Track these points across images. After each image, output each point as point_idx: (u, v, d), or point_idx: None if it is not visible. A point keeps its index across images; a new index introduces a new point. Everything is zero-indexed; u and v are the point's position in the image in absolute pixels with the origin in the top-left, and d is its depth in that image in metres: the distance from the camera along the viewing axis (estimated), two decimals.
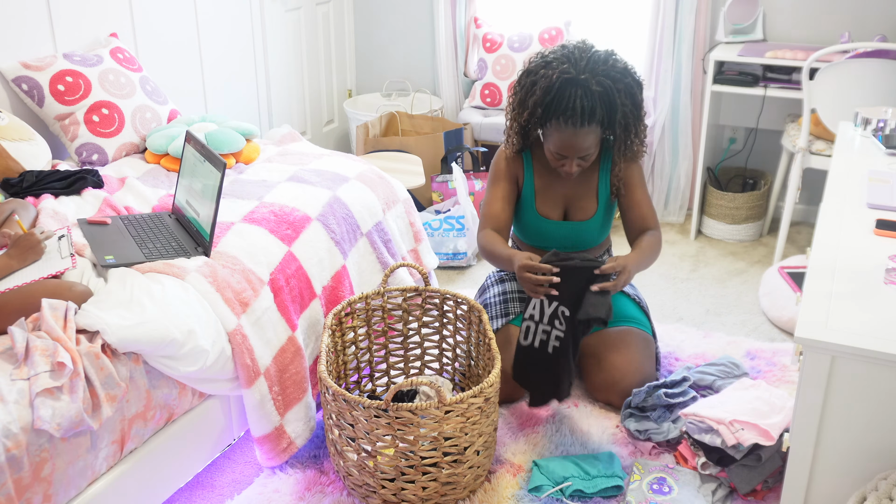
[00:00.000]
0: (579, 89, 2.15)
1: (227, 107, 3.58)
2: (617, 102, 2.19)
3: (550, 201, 2.43)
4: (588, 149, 2.24)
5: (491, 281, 2.62)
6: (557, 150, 2.25)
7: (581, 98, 2.15)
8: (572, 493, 2.05)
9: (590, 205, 2.43)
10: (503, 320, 2.45)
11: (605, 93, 2.17)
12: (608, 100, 2.18)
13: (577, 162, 2.27)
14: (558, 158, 2.28)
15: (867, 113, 2.49)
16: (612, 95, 2.18)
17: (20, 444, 1.56)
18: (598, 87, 2.16)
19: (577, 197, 2.42)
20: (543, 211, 2.43)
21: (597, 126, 2.20)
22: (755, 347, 2.70)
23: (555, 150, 2.26)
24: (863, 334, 1.45)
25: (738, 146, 3.85)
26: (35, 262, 1.90)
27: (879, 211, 1.96)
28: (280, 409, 2.12)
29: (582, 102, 2.15)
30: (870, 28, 3.38)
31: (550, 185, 2.42)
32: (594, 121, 2.18)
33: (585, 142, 2.22)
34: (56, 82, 2.62)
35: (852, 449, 1.52)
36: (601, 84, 2.17)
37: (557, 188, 2.42)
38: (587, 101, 2.15)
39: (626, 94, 2.21)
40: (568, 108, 2.16)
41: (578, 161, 2.27)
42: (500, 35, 4.05)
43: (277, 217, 2.30)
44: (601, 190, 2.42)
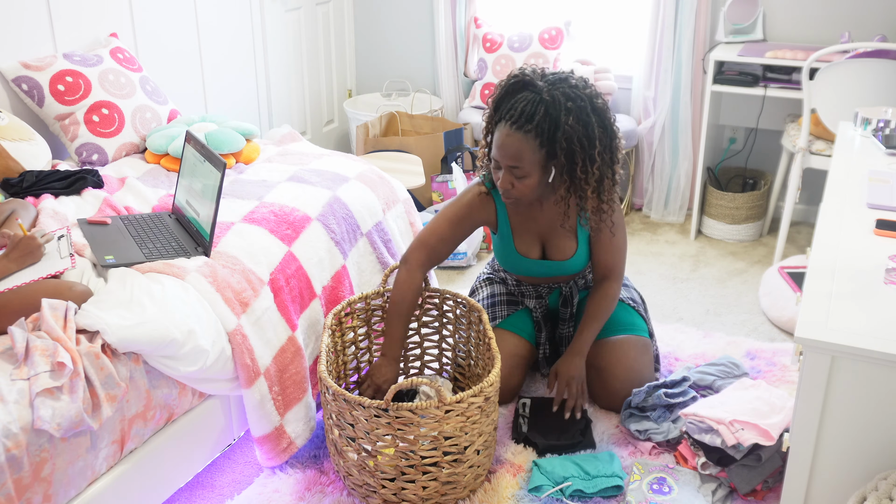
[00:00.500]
0: (529, 94, 2.05)
1: (227, 107, 3.58)
2: (561, 120, 2.02)
3: (528, 238, 2.32)
4: (518, 161, 2.06)
5: (480, 282, 2.60)
6: (493, 153, 2.12)
7: (526, 102, 2.04)
8: (572, 493, 2.05)
9: (569, 244, 2.31)
10: (491, 324, 2.43)
11: (553, 104, 2.03)
12: (553, 113, 2.03)
13: (509, 178, 2.10)
14: (495, 168, 2.15)
15: (867, 113, 2.49)
16: (559, 110, 2.02)
17: (20, 444, 1.56)
18: (547, 97, 2.03)
19: (554, 236, 2.31)
20: (522, 250, 2.34)
21: (534, 138, 2.03)
22: (755, 347, 2.70)
23: (492, 154, 2.13)
24: (863, 334, 1.45)
25: (738, 146, 3.85)
26: (32, 265, 1.90)
27: (879, 211, 1.96)
28: (280, 409, 2.12)
29: (524, 106, 2.04)
30: (870, 28, 3.38)
31: (525, 224, 2.31)
32: (530, 127, 2.02)
33: (515, 148, 2.04)
34: (56, 82, 2.62)
35: (852, 449, 1.52)
36: (552, 96, 2.03)
37: (532, 227, 2.31)
38: (529, 106, 2.03)
39: (576, 118, 2.03)
40: (511, 107, 2.06)
41: (511, 178, 2.10)
42: (500, 35, 4.05)
43: (277, 217, 2.30)
44: (580, 228, 2.30)
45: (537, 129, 2.03)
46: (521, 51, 3.97)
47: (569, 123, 2.03)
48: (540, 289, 2.45)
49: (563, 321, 2.47)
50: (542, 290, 2.46)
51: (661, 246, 3.62)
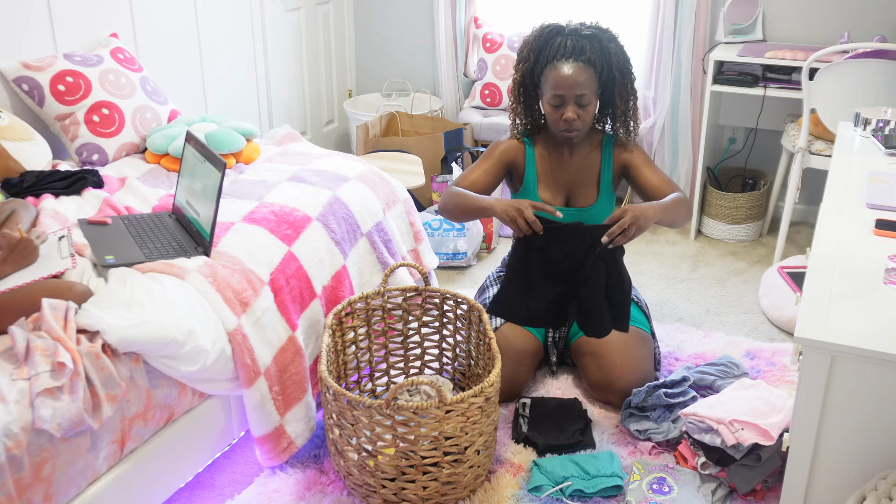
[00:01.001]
0: (568, 35, 2.33)
1: (228, 107, 3.58)
2: (608, 47, 2.32)
3: (553, 187, 2.46)
4: (583, 88, 2.29)
5: (490, 281, 2.62)
6: (553, 91, 2.30)
7: (570, 38, 2.31)
8: (572, 492, 2.05)
9: (591, 192, 2.47)
10: (500, 320, 2.45)
11: (595, 37, 2.32)
12: (598, 43, 2.32)
13: (574, 109, 2.30)
14: (556, 106, 2.32)
15: (867, 113, 2.49)
16: (602, 41, 2.32)
17: (21, 444, 1.56)
18: (586, 32, 2.33)
19: (578, 183, 2.46)
20: (545, 197, 2.46)
21: (589, 66, 2.29)
22: (755, 347, 2.71)
23: (551, 93, 2.31)
24: (863, 334, 1.45)
25: (738, 146, 3.85)
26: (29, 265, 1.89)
27: (879, 211, 1.97)
28: (280, 408, 2.12)
29: (572, 41, 2.30)
30: (870, 28, 3.38)
31: (552, 171, 2.47)
32: (585, 57, 2.29)
33: (579, 77, 2.27)
34: (56, 82, 2.62)
35: (852, 449, 1.52)
36: (590, 31, 2.34)
37: (559, 174, 2.46)
38: (577, 41, 2.30)
39: (615, 44, 2.34)
40: (560, 46, 2.30)
41: (576, 109, 2.31)
42: (500, 35, 4.05)
43: (277, 217, 2.30)
44: (603, 177, 2.46)
45: (590, 59, 2.30)
46: None
47: (614, 51, 2.34)
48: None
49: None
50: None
51: (660, 246, 3.62)
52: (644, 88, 3.73)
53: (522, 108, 2.47)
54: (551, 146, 2.49)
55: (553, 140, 2.49)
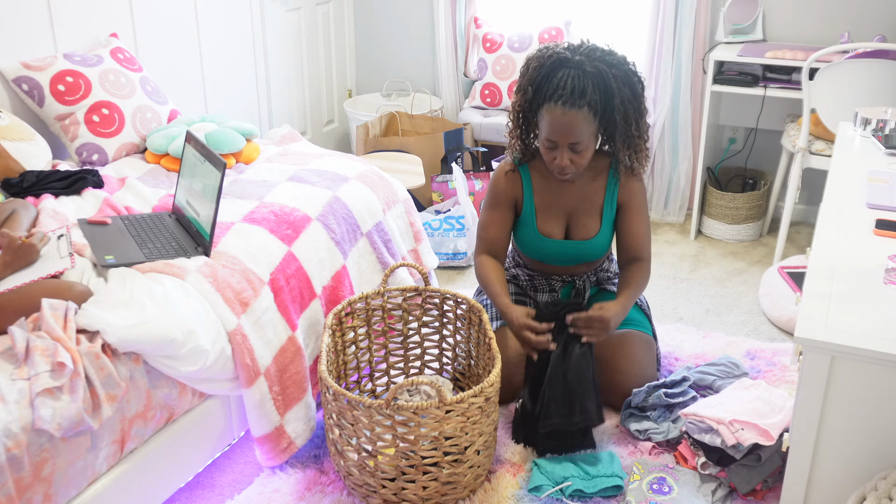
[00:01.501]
0: (572, 70, 2.11)
1: (228, 107, 3.58)
2: (613, 87, 2.12)
3: (552, 219, 2.36)
4: (578, 136, 2.13)
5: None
6: (547, 135, 2.16)
7: (573, 78, 2.10)
8: (572, 492, 2.05)
9: (593, 223, 2.35)
10: (500, 322, 2.44)
11: (600, 74, 2.11)
12: (603, 82, 2.11)
13: (569, 155, 2.17)
14: (549, 149, 2.19)
15: (867, 113, 2.49)
16: (608, 79, 2.11)
17: (20, 444, 1.56)
18: (591, 69, 2.11)
19: (579, 213, 2.34)
20: (545, 230, 2.36)
21: (589, 111, 2.11)
22: (755, 347, 2.70)
23: (545, 136, 2.17)
24: (863, 334, 1.45)
25: (738, 146, 3.85)
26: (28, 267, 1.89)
27: (879, 211, 1.97)
28: (280, 408, 2.12)
29: (574, 82, 2.10)
30: (870, 28, 3.38)
31: (551, 202, 2.35)
32: (585, 101, 2.10)
33: (575, 125, 2.11)
34: (56, 82, 2.62)
35: (852, 449, 1.52)
36: (596, 67, 2.11)
37: (559, 205, 2.35)
38: (579, 81, 2.10)
39: (623, 81, 2.14)
40: (559, 86, 2.10)
41: (570, 154, 2.17)
42: (500, 35, 4.05)
43: (277, 217, 2.30)
44: (606, 208, 2.35)
45: (590, 103, 2.11)
46: (521, 51, 3.97)
47: (619, 89, 2.14)
48: (554, 281, 2.46)
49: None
50: (555, 283, 2.46)
51: (661, 246, 3.62)
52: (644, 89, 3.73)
53: (519, 134, 2.32)
54: (551, 174, 2.33)
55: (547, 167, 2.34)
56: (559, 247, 2.37)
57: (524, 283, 2.51)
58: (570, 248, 2.38)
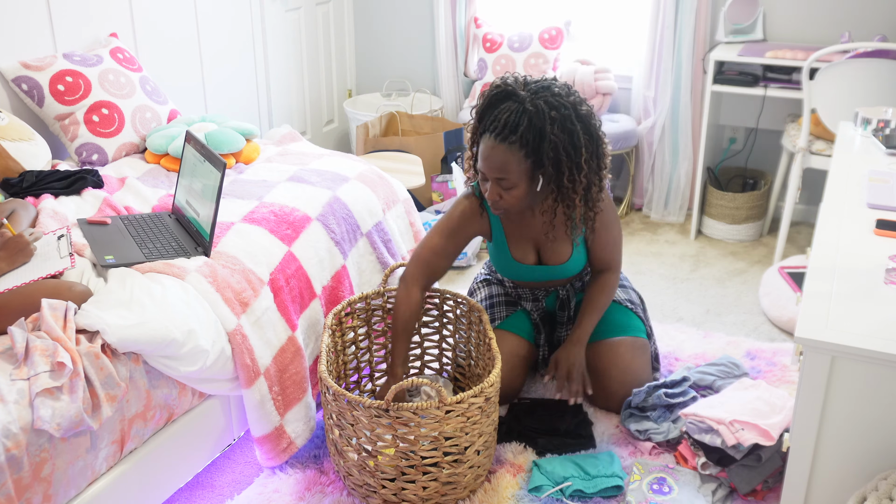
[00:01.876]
0: (512, 104, 2.02)
1: (227, 107, 3.58)
2: (546, 129, 1.99)
3: (523, 244, 2.31)
4: (505, 173, 2.03)
5: (477, 284, 2.59)
6: (479, 165, 2.09)
7: (510, 112, 2.00)
8: (572, 493, 2.05)
9: (563, 247, 2.30)
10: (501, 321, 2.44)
11: (537, 114, 1.99)
12: (537, 123, 1.99)
13: (497, 190, 2.07)
14: (482, 181, 2.12)
15: (867, 113, 2.49)
16: (543, 120, 1.99)
17: (20, 444, 1.56)
18: (531, 107, 1.99)
19: (548, 240, 2.27)
20: (518, 256, 2.33)
21: (519, 149, 2.00)
22: (755, 347, 2.70)
23: (478, 166, 2.11)
24: (863, 334, 1.45)
25: (738, 146, 3.85)
26: (24, 263, 1.89)
27: (879, 211, 1.97)
28: (280, 409, 2.12)
29: (509, 117, 2.00)
30: (870, 28, 3.38)
31: (519, 230, 2.29)
32: (515, 138, 1.99)
33: (501, 161, 2.02)
34: (56, 82, 2.62)
35: (852, 449, 1.52)
36: (536, 105, 1.99)
37: (527, 233, 2.29)
38: (513, 117, 2.00)
39: (560, 126, 2.00)
40: (496, 118, 2.02)
41: (499, 189, 2.07)
42: (500, 35, 4.05)
43: (277, 217, 2.30)
44: (573, 232, 2.24)
45: (522, 140, 2.00)
46: (521, 51, 3.97)
47: (553, 133, 2.00)
48: (537, 292, 2.45)
49: (560, 324, 2.46)
50: (538, 293, 2.45)
51: (661, 246, 3.62)
52: (644, 88, 3.74)
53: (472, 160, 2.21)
54: None
55: None
56: (534, 271, 2.36)
57: (510, 289, 2.50)
58: (544, 272, 2.36)
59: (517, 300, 2.48)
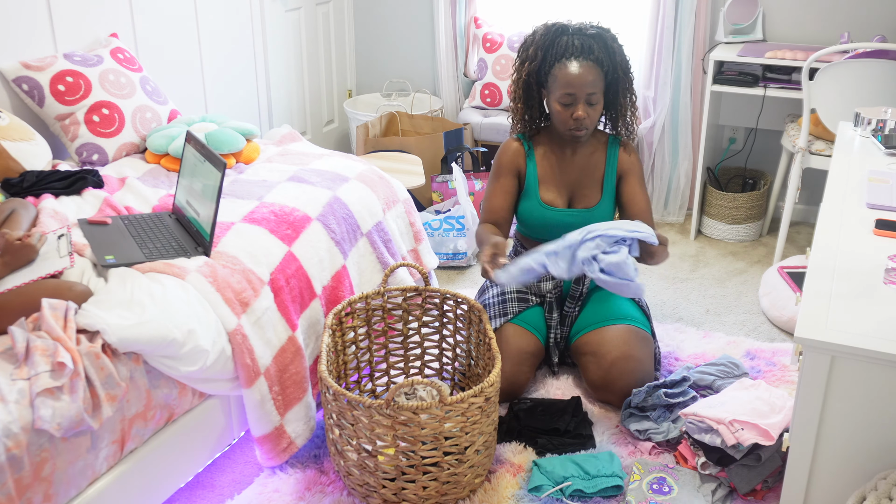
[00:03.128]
0: (573, 35, 2.35)
1: (228, 107, 3.58)
2: (613, 47, 2.37)
3: (555, 188, 2.47)
4: (594, 87, 2.32)
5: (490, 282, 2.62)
6: (564, 90, 2.31)
7: (577, 38, 2.34)
8: (572, 492, 2.05)
9: (594, 193, 2.48)
10: (502, 319, 2.45)
11: (599, 35, 2.36)
12: (603, 42, 2.35)
13: (585, 108, 2.33)
14: (566, 105, 2.34)
15: (867, 113, 2.49)
16: (606, 39, 2.36)
17: (20, 444, 1.56)
18: (591, 31, 2.36)
19: (581, 184, 2.47)
20: (547, 198, 2.46)
21: (597, 66, 2.32)
22: (755, 347, 2.71)
23: (561, 92, 2.32)
24: (863, 334, 1.46)
25: (738, 146, 3.85)
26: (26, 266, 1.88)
27: (879, 211, 1.97)
28: (280, 408, 2.12)
29: (581, 41, 2.33)
30: (870, 28, 3.38)
31: (554, 173, 2.47)
32: (593, 56, 2.32)
33: (591, 76, 2.31)
34: (56, 82, 2.62)
35: (852, 449, 1.52)
36: (595, 30, 2.37)
37: (561, 176, 2.47)
38: (585, 40, 2.33)
39: (618, 44, 2.39)
40: (568, 45, 2.33)
41: (586, 108, 2.33)
42: (500, 35, 4.05)
43: (277, 217, 2.30)
44: (606, 180, 2.47)
45: (598, 59, 2.33)
46: None
47: (617, 48, 2.39)
48: None
49: (571, 298, 2.49)
50: None
51: None
52: (644, 88, 3.73)
53: (523, 108, 2.48)
54: (555, 146, 2.50)
55: (556, 140, 2.49)
56: (562, 215, 2.44)
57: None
58: (572, 216, 2.44)
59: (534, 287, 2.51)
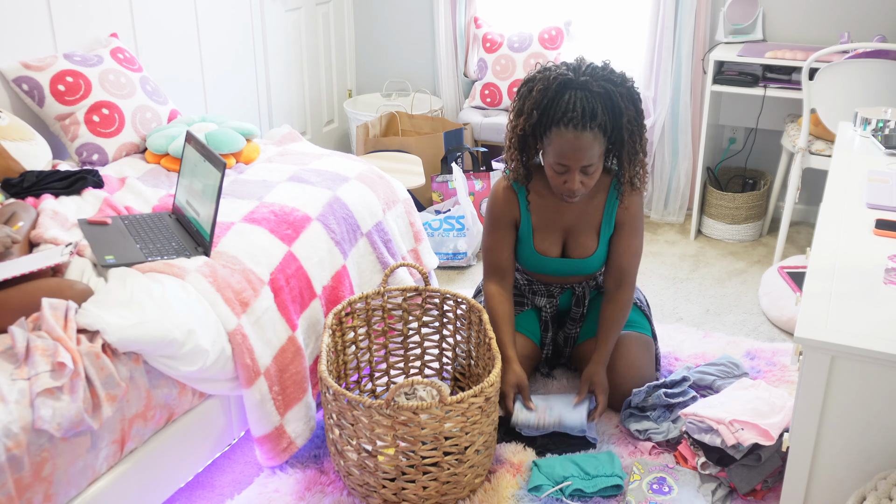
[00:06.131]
0: (579, 91, 2.07)
1: (228, 107, 3.58)
2: (621, 105, 2.09)
3: (550, 237, 2.34)
4: (591, 158, 2.09)
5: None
6: (557, 159, 2.11)
7: (581, 99, 2.06)
8: (572, 492, 2.05)
9: (590, 241, 2.34)
10: None
11: (608, 94, 2.07)
12: (610, 102, 2.08)
13: (579, 177, 2.13)
14: (559, 173, 2.14)
15: (867, 113, 2.49)
16: (615, 98, 2.08)
17: (21, 444, 1.56)
18: (598, 89, 2.07)
19: (576, 232, 2.33)
20: (542, 248, 2.35)
21: (599, 132, 2.08)
22: (755, 347, 2.70)
23: (555, 160, 2.13)
24: (863, 334, 1.46)
25: (738, 146, 3.85)
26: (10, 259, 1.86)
27: (879, 211, 1.97)
28: (280, 408, 2.12)
29: (583, 103, 2.05)
30: (870, 28, 3.38)
31: (548, 220, 2.33)
32: (595, 123, 2.06)
33: (588, 148, 2.07)
34: (56, 82, 2.62)
35: (852, 449, 1.52)
36: (602, 87, 2.07)
37: (556, 224, 2.33)
38: (588, 103, 2.06)
39: (628, 99, 2.11)
40: (568, 109, 2.06)
41: (581, 177, 2.13)
42: (500, 35, 4.05)
43: (277, 217, 2.30)
44: (604, 226, 2.33)
45: (601, 124, 2.08)
46: (521, 51, 3.97)
47: (626, 107, 2.11)
48: (552, 288, 2.46)
49: (572, 321, 2.47)
50: (554, 289, 2.46)
51: (660, 246, 3.62)
52: (644, 88, 3.73)
53: (518, 155, 2.26)
54: (547, 192, 2.31)
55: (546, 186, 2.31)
56: (556, 264, 2.38)
57: (523, 286, 2.51)
58: (566, 266, 2.37)
59: (530, 297, 2.49)
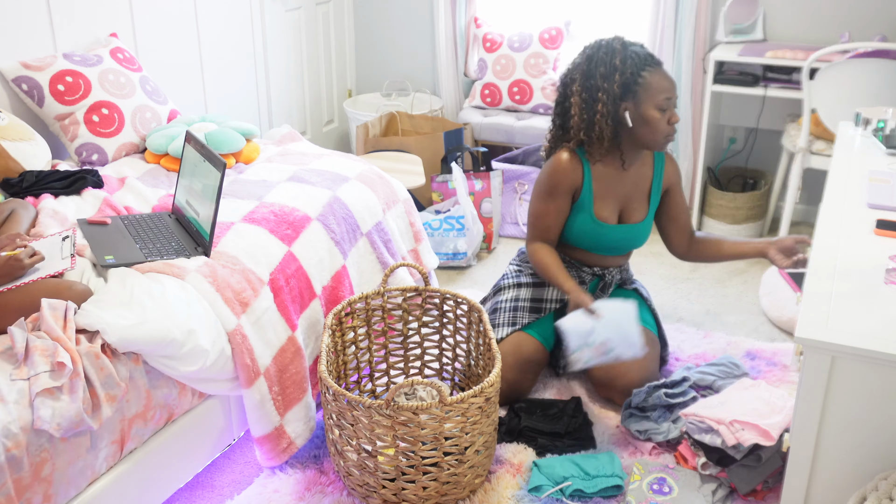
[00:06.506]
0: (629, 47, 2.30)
1: (227, 107, 3.58)
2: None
3: (609, 205, 2.43)
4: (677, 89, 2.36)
5: (508, 282, 2.58)
6: (663, 94, 2.27)
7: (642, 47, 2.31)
8: (572, 492, 2.05)
9: (642, 207, 2.48)
10: (510, 328, 2.44)
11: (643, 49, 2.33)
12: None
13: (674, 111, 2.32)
14: (664, 109, 2.28)
15: (867, 113, 2.49)
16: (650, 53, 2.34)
17: (20, 444, 1.56)
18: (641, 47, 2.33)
19: (632, 198, 2.46)
20: (602, 215, 2.42)
21: None
22: (755, 347, 2.70)
23: (661, 97, 2.27)
24: (863, 334, 1.45)
25: (739, 146, 3.85)
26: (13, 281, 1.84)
27: (879, 211, 1.97)
28: (280, 409, 2.12)
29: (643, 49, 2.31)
30: (870, 28, 3.38)
31: (609, 188, 2.42)
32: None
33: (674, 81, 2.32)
34: (56, 82, 2.62)
35: (852, 449, 1.52)
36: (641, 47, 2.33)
37: (615, 191, 2.43)
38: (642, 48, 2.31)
39: None
40: (638, 55, 2.27)
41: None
42: (500, 35, 4.05)
43: (277, 217, 2.30)
44: (653, 192, 2.48)
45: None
46: (521, 51, 3.97)
47: None
48: (583, 273, 2.50)
49: None
50: (585, 275, 2.50)
51: (661, 246, 3.60)
52: None
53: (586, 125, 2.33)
54: (608, 161, 2.40)
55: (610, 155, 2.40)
56: (612, 231, 2.44)
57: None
58: (621, 231, 2.45)
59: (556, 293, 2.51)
